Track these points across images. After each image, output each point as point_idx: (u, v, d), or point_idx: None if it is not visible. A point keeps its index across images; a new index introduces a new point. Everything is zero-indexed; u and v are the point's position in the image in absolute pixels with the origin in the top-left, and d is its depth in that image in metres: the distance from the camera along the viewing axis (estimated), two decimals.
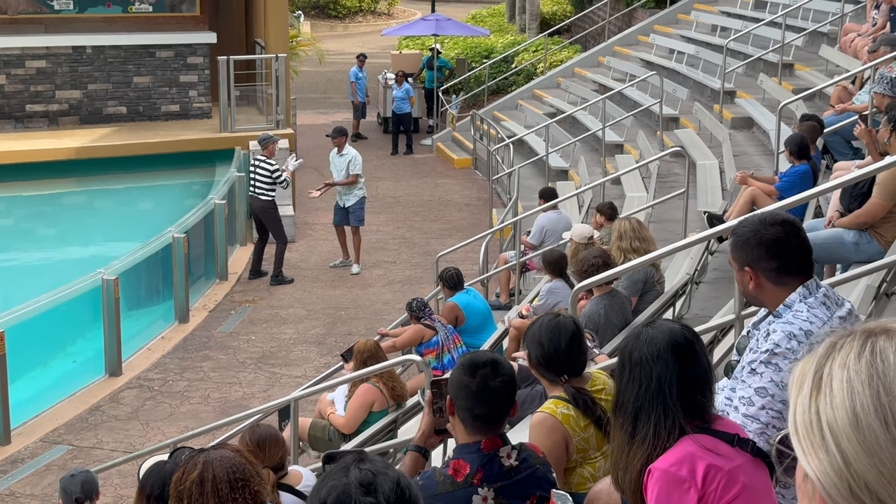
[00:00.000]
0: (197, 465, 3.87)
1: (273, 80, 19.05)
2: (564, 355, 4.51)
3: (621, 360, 3.31)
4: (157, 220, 16.10)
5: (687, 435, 3.16)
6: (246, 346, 13.46)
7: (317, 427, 9.30)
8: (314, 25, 39.39)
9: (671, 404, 3.16)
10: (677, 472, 3.12)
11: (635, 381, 3.22)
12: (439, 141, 24.26)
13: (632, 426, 3.21)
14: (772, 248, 3.71)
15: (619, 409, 3.26)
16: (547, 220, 13.04)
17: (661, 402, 3.17)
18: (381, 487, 2.24)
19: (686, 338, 3.25)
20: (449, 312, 11.04)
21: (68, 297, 12.30)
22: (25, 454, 10.75)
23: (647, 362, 3.20)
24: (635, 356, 3.24)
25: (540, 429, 4.40)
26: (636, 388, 3.21)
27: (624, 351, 3.31)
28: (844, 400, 1.25)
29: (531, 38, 28.00)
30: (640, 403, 3.19)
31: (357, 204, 15.88)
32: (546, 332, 4.54)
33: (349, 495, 2.23)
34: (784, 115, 11.86)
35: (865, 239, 7.24)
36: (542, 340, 4.54)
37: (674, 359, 3.19)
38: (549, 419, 4.40)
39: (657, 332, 3.26)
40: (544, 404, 4.49)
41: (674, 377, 3.18)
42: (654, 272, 9.03)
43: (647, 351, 3.22)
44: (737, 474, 3.16)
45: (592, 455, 4.45)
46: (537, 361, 4.57)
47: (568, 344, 4.51)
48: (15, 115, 19.10)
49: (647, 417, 3.18)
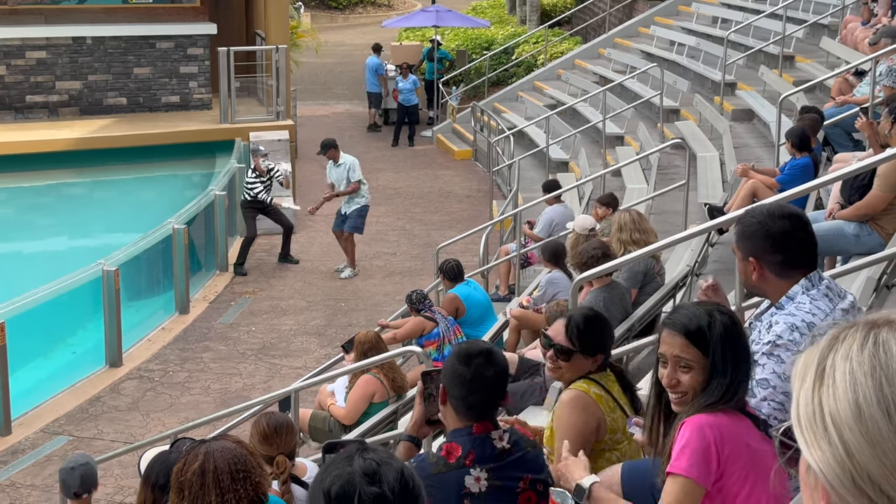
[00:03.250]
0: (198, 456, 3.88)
1: (273, 72, 19.04)
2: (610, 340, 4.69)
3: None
4: (157, 211, 16.09)
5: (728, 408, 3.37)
6: (246, 338, 13.46)
7: (317, 418, 9.30)
8: (314, 16, 39.33)
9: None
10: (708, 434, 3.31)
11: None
12: (440, 132, 24.24)
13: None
14: (778, 241, 3.71)
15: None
16: (555, 213, 13.01)
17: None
18: (385, 477, 2.24)
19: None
20: (450, 304, 11.05)
21: (69, 287, 12.31)
22: (26, 445, 10.77)
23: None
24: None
25: (574, 404, 4.42)
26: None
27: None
28: (847, 391, 1.25)
29: (532, 29, 27.96)
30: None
31: (356, 212, 15.50)
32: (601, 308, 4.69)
33: (353, 485, 2.22)
34: (785, 107, 11.85)
35: (866, 231, 7.24)
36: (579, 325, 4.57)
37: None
38: (583, 396, 4.44)
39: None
40: (574, 384, 4.51)
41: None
42: (655, 264, 9.03)
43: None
44: (761, 457, 3.26)
45: (620, 438, 4.48)
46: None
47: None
48: (15, 106, 19.09)
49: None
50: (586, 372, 4.55)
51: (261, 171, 15.71)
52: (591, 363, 4.55)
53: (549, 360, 4.61)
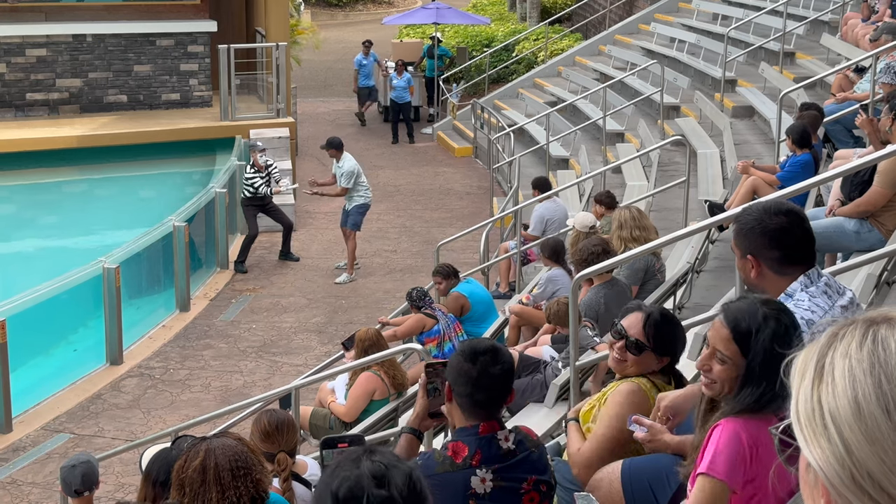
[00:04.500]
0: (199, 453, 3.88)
1: (273, 69, 19.04)
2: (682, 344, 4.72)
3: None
4: (157, 208, 16.11)
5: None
6: (247, 335, 13.47)
7: (318, 415, 9.31)
8: (315, 14, 39.32)
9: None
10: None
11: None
12: (440, 130, 24.23)
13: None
14: (775, 238, 3.71)
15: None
16: (546, 210, 13.01)
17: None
18: (393, 480, 2.24)
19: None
20: (454, 302, 10.98)
21: (69, 285, 12.31)
22: (27, 442, 10.77)
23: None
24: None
25: (630, 398, 4.44)
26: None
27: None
28: (846, 389, 1.25)
29: (532, 26, 27.95)
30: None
31: (355, 209, 15.46)
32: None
33: (362, 487, 2.22)
34: (785, 104, 11.84)
35: (866, 227, 7.24)
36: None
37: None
38: (641, 392, 4.46)
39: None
40: (635, 378, 4.52)
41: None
42: (655, 261, 9.03)
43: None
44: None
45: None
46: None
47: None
48: (15, 104, 19.10)
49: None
50: (650, 371, 4.54)
51: (259, 166, 15.70)
52: (658, 363, 4.53)
53: (618, 352, 4.58)
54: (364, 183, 15.59)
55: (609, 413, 4.47)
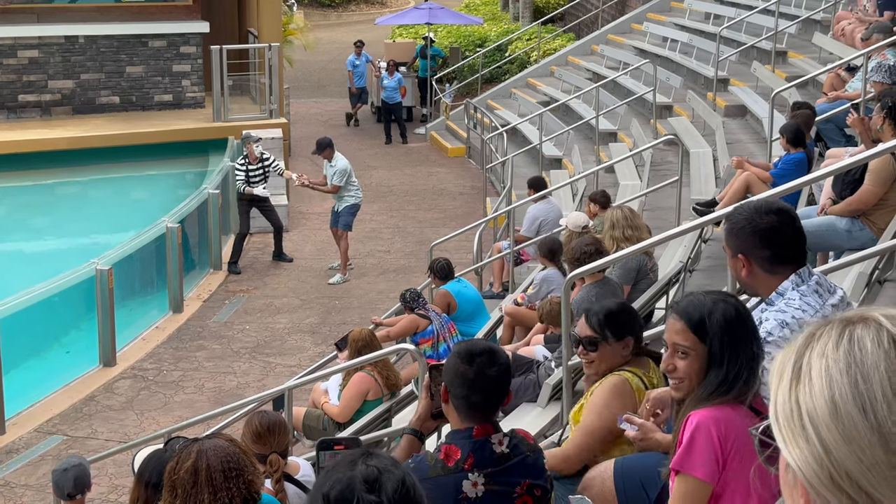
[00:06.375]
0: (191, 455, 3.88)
1: (266, 70, 19.02)
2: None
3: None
4: (150, 209, 16.07)
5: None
6: (240, 336, 13.46)
7: (311, 416, 9.31)
8: (307, 14, 39.27)
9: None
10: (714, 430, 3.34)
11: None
12: (433, 130, 24.24)
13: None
14: (766, 237, 3.71)
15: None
16: (539, 211, 13.02)
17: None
18: (384, 486, 2.24)
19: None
20: (441, 299, 11.07)
21: (62, 287, 12.29)
22: (20, 444, 10.76)
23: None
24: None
25: (614, 391, 4.48)
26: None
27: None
28: (823, 389, 1.25)
29: (525, 26, 27.96)
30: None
31: (346, 210, 15.41)
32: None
33: (352, 491, 2.23)
34: (777, 103, 11.86)
35: (858, 226, 7.25)
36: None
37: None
38: (625, 385, 4.50)
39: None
40: (618, 372, 4.54)
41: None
42: (648, 260, 9.04)
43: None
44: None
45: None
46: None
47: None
48: (7, 106, 19.06)
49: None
50: (621, 359, 4.57)
51: (253, 157, 15.65)
52: (622, 347, 4.56)
53: (581, 357, 4.64)
54: (355, 183, 15.56)
55: (594, 403, 4.50)
